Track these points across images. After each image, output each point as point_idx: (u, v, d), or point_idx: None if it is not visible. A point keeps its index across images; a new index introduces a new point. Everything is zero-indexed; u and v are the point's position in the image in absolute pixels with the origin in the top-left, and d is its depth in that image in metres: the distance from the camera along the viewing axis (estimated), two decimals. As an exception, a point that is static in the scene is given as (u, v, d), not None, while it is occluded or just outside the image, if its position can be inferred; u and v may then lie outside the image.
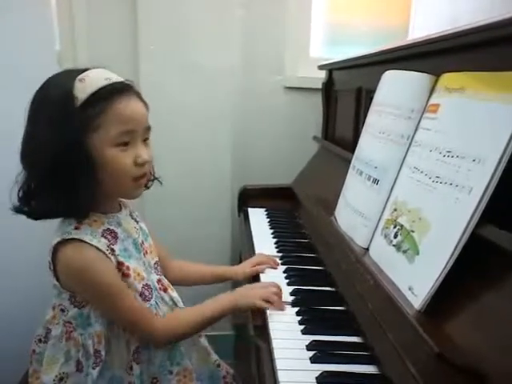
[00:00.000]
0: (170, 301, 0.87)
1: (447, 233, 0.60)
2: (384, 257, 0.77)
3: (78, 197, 0.71)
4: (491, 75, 0.63)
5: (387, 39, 1.70)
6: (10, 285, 1.16)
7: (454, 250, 0.58)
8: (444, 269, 0.59)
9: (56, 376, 0.77)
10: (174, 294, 0.89)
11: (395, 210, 0.78)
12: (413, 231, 0.69)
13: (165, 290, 0.87)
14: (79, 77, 0.73)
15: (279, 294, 0.85)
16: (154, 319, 0.80)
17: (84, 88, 0.72)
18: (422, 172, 0.72)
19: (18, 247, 1.16)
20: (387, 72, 0.94)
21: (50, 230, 0.78)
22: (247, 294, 0.85)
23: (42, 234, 0.77)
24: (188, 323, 0.83)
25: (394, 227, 0.75)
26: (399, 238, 0.73)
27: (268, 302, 0.82)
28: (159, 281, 0.87)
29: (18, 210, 0.76)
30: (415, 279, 0.65)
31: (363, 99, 1.19)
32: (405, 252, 0.69)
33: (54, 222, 0.77)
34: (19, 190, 0.75)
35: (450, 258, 0.59)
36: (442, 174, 0.66)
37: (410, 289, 0.65)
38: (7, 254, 1.15)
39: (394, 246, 0.74)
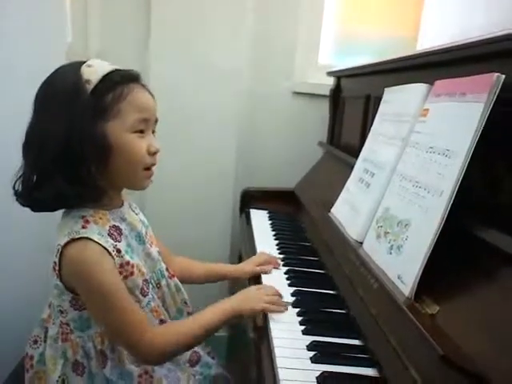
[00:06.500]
0: (174, 287, 0.89)
1: (426, 228, 0.67)
2: (375, 249, 0.82)
3: (89, 183, 0.71)
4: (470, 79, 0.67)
5: (396, 50, 1.72)
6: (8, 279, 1.12)
7: (432, 241, 0.64)
8: (424, 258, 0.65)
9: (59, 377, 0.76)
10: (178, 281, 0.90)
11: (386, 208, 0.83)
12: (398, 225, 0.75)
13: (171, 277, 0.89)
14: (85, 63, 0.74)
15: (278, 295, 0.84)
16: (148, 329, 0.74)
17: (94, 71, 0.72)
18: (405, 178, 0.79)
19: (16, 243, 1.12)
20: (386, 89, 1.00)
21: (46, 224, 0.76)
22: (248, 298, 0.81)
23: (38, 231, 0.74)
24: (186, 335, 0.76)
25: (384, 224, 0.80)
26: (389, 234, 0.78)
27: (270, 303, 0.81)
28: (167, 268, 0.88)
29: (21, 203, 0.74)
30: (403, 269, 0.70)
31: (371, 106, 1.20)
32: (393, 246, 0.75)
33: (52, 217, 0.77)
34: (20, 183, 0.74)
35: (429, 248, 0.64)
36: (420, 175, 0.73)
37: (399, 278, 0.70)
38: (4, 249, 1.11)
39: (384, 240, 0.78)
